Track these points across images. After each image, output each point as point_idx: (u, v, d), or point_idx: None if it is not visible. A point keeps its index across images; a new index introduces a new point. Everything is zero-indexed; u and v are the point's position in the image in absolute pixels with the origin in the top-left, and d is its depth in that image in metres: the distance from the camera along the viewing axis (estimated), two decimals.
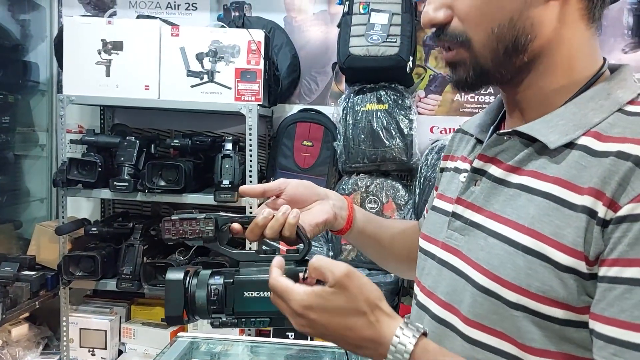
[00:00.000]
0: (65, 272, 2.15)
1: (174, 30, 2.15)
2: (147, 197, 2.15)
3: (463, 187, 0.75)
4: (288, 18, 2.52)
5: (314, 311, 0.65)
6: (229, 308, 0.74)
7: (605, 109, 0.64)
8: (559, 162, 0.64)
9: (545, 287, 0.61)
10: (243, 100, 2.12)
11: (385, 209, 2.23)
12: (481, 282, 0.67)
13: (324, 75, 2.52)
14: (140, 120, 2.56)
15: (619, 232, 0.57)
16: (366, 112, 2.21)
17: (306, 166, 2.35)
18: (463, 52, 0.67)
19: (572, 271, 0.60)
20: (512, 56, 0.65)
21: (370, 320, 0.65)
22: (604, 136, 0.62)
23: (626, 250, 0.57)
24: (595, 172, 0.60)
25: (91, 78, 2.15)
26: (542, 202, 0.64)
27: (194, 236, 0.77)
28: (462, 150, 0.83)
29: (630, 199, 0.57)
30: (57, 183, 2.15)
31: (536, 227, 0.63)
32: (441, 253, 0.76)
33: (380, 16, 2.20)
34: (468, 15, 0.65)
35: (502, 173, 0.70)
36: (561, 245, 0.61)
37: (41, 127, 2.68)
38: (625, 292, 0.56)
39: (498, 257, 0.65)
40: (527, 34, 0.64)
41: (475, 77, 0.68)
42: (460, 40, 0.67)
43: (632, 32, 2.43)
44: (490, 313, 0.66)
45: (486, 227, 0.69)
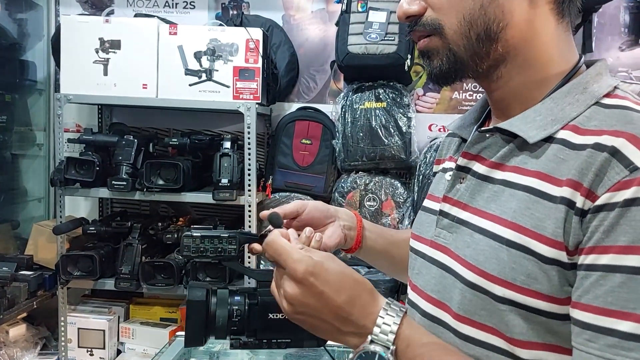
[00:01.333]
0: (63, 271, 2.14)
1: (171, 29, 2.14)
2: (145, 196, 2.14)
3: (449, 185, 0.76)
4: (286, 16, 2.52)
5: (316, 277, 0.65)
6: (251, 329, 0.72)
7: (582, 103, 0.65)
8: (539, 156, 0.66)
9: (529, 280, 0.62)
10: (241, 99, 2.12)
11: (384, 206, 2.23)
12: (469, 278, 0.67)
13: (322, 74, 2.52)
14: (138, 119, 2.55)
15: (596, 221, 0.58)
16: (365, 110, 2.21)
17: (305, 164, 2.35)
18: (436, 40, 0.68)
19: (555, 262, 0.61)
20: (485, 44, 0.67)
21: (369, 289, 0.66)
22: (582, 129, 0.63)
23: (602, 238, 0.58)
24: (573, 165, 0.61)
25: (89, 77, 2.15)
26: (523, 195, 0.65)
27: (214, 254, 0.75)
28: (450, 151, 0.85)
29: (607, 188, 0.58)
30: (54, 182, 2.14)
31: (518, 221, 0.64)
32: (430, 251, 0.77)
33: (379, 14, 2.20)
34: (440, 3, 0.67)
35: (486, 170, 0.71)
36: (542, 237, 0.61)
37: (39, 126, 2.67)
38: (599, 278, 0.57)
39: (483, 253, 0.66)
40: (498, 21, 0.66)
41: (449, 66, 0.69)
42: (433, 27, 0.68)
43: (629, 30, 2.43)
44: (478, 309, 0.66)
45: (472, 223, 0.70)
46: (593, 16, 2.39)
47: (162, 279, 2.15)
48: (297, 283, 0.65)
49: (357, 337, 0.65)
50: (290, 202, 0.88)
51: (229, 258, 0.76)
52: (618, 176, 0.58)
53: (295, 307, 0.66)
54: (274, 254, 0.68)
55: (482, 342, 0.66)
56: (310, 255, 0.66)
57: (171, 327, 2.36)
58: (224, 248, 0.75)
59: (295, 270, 0.65)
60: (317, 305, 0.65)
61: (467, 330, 0.67)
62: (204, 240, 0.75)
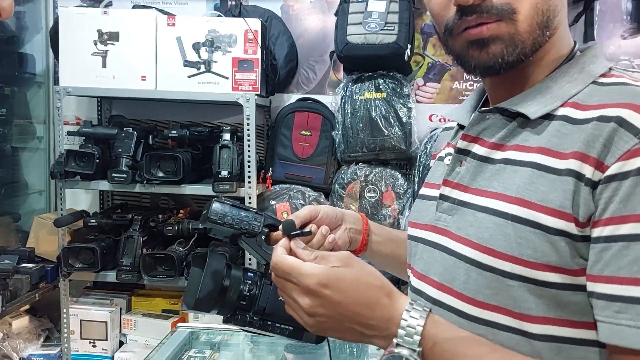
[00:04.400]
0: (65, 264, 2.15)
1: (170, 20, 2.13)
2: (145, 188, 2.14)
3: (449, 169, 0.75)
4: (285, 7, 2.50)
5: (330, 287, 0.64)
6: (259, 308, 0.72)
7: (580, 82, 0.67)
8: (540, 132, 0.66)
9: (537, 254, 0.61)
10: (240, 90, 2.11)
11: (385, 197, 2.23)
12: (474, 257, 0.67)
13: (321, 64, 2.50)
14: (137, 111, 2.54)
15: (609, 192, 0.58)
16: (364, 101, 2.20)
17: (305, 156, 2.35)
18: (505, 25, 0.65)
19: (562, 234, 0.60)
20: (545, 33, 0.66)
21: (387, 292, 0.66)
22: (583, 105, 0.65)
23: (619, 208, 0.57)
24: (578, 138, 0.62)
25: (87, 69, 2.14)
26: (527, 171, 0.65)
27: (239, 227, 0.74)
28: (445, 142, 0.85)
29: (617, 157, 0.58)
30: (54, 175, 2.14)
31: (523, 196, 0.64)
32: (430, 235, 0.76)
33: (378, 4, 2.18)
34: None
35: (486, 151, 0.71)
36: (549, 209, 0.61)
37: (38, 119, 2.67)
38: (622, 249, 0.57)
39: (488, 230, 0.66)
40: (553, 10, 0.66)
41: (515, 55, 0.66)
42: (506, 11, 0.64)
43: (631, 18, 2.41)
44: (483, 287, 0.66)
45: (474, 203, 0.70)
46: (595, 4, 2.37)
47: (163, 271, 2.15)
48: (312, 296, 0.65)
49: (382, 339, 0.65)
50: (304, 208, 0.86)
51: (252, 234, 0.75)
52: (627, 145, 0.58)
53: (316, 319, 0.66)
54: (283, 275, 0.67)
55: (487, 321, 0.66)
56: (321, 266, 0.66)
57: (173, 318, 2.37)
58: (250, 222, 0.75)
59: (307, 286, 0.65)
60: (336, 315, 0.65)
61: (471, 311, 0.67)
62: (232, 209, 0.74)
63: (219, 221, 0.73)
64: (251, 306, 0.72)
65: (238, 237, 0.75)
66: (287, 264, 0.66)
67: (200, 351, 1.84)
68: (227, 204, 0.74)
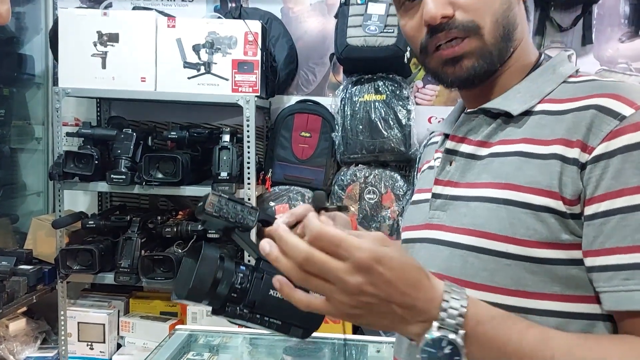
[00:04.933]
0: (63, 265, 2.14)
1: (170, 22, 2.13)
2: (144, 189, 2.13)
3: (439, 169, 0.80)
4: (285, 9, 2.51)
5: (383, 264, 0.56)
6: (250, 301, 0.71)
7: (553, 81, 0.75)
8: (522, 126, 0.73)
9: (529, 232, 0.66)
10: (240, 92, 2.11)
11: (384, 199, 2.23)
12: (470, 243, 0.70)
13: (321, 66, 2.51)
14: (137, 112, 2.54)
15: (598, 170, 0.63)
16: (364, 103, 2.21)
17: (304, 157, 2.35)
18: (473, 41, 0.72)
19: (551, 211, 0.65)
20: (507, 44, 0.74)
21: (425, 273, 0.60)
22: (558, 100, 0.72)
23: (611, 184, 0.62)
24: (559, 127, 0.68)
25: (87, 70, 2.14)
26: (514, 159, 0.71)
27: (234, 220, 0.73)
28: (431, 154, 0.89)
29: (601, 139, 0.64)
30: (53, 176, 2.13)
31: (512, 181, 0.69)
32: (424, 233, 0.79)
33: (378, 6, 2.19)
34: (474, 6, 0.72)
35: (473, 148, 0.77)
36: (537, 190, 0.67)
37: (37, 120, 2.66)
38: (620, 220, 0.61)
39: (482, 216, 0.70)
40: (513, 23, 0.75)
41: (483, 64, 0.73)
42: (471, 28, 0.72)
43: (629, 21, 2.42)
44: (481, 270, 0.69)
45: (466, 195, 0.74)
46: (593, 7, 2.38)
47: (162, 273, 2.14)
48: (364, 273, 0.56)
49: (421, 324, 0.59)
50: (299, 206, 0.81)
51: (246, 228, 0.74)
52: (609, 127, 0.64)
53: (361, 300, 0.57)
54: (328, 247, 0.56)
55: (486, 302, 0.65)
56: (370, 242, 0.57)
57: (171, 320, 2.36)
58: (245, 217, 0.74)
59: (361, 261, 0.55)
60: (385, 296, 0.57)
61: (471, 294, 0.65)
62: (228, 202, 0.73)
63: (214, 214, 0.72)
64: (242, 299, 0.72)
65: (232, 230, 0.75)
66: (335, 234, 0.56)
67: (199, 354, 1.83)
68: (224, 197, 0.73)
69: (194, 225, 2.19)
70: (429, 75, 0.79)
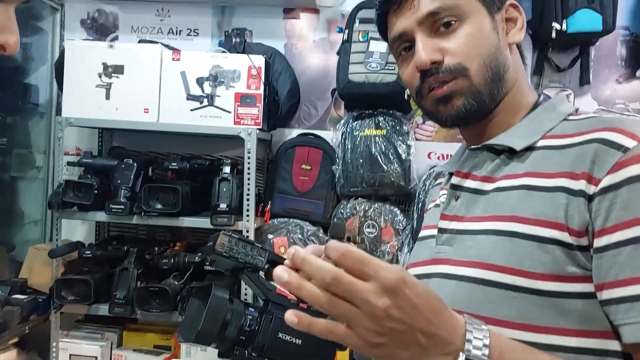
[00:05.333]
0: (57, 296, 2.11)
1: (175, 55, 2.16)
2: (143, 220, 2.12)
3: (445, 204, 0.82)
4: (288, 45, 2.55)
5: (409, 287, 0.55)
6: (259, 344, 0.71)
7: (554, 119, 0.78)
8: (525, 161, 0.75)
9: (535, 264, 0.66)
10: (242, 124, 2.13)
11: (384, 233, 2.22)
12: (476, 275, 0.70)
13: (323, 101, 2.54)
14: (138, 142, 2.55)
15: (606, 202, 0.64)
16: (365, 137, 2.22)
17: (304, 190, 2.35)
18: (461, 81, 0.76)
19: (557, 242, 0.65)
20: (497, 85, 0.78)
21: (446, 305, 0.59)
22: (560, 135, 0.74)
23: (621, 215, 0.63)
24: (562, 161, 0.70)
25: (91, 101, 2.16)
26: (518, 193, 0.72)
27: (244, 260, 0.74)
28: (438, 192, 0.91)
29: (607, 171, 0.65)
30: (52, 205, 2.13)
31: (517, 213, 0.70)
32: (429, 268, 0.79)
33: (379, 44, 2.23)
34: (462, 51, 0.76)
35: (478, 184, 0.79)
36: (543, 221, 0.67)
37: (39, 148, 2.67)
38: (633, 250, 0.61)
39: (488, 248, 0.70)
40: (504, 65, 0.78)
41: (476, 106, 0.77)
42: (459, 70, 0.76)
43: (626, 63, 2.47)
44: (487, 302, 0.68)
45: (472, 229, 0.75)
46: (590, 49, 2.43)
47: (157, 305, 2.11)
48: (391, 295, 0.54)
49: (444, 357, 0.58)
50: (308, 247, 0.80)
51: (255, 268, 0.74)
52: (613, 159, 0.65)
53: (383, 324, 0.55)
54: (355, 266, 0.54)
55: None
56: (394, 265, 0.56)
57: (165, 354, 2.31)
58: (254, 257, 0.74)
59: (388, 281, 0.54)
60: (410, 321, 0.55)
61: None
62: (239, 242, 0.74)
63: (224, 254, 0.73)
64: (251, 342, 0.71)
65: (241, 270, 0.75)
66: (362, 253, 0.55)
67: None
68: (234, 238, 0.74)
69: (191, 256, 2.17)
70: (427, 116, 0.85)
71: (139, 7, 2.58)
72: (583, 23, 2.20)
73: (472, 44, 0.76)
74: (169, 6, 2.58)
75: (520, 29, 0.81)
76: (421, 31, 0.78)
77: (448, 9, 0.76)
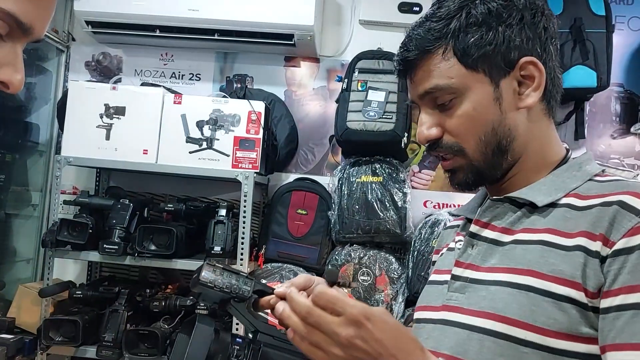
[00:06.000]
0: (45, 336, 2.06)
1: (176, 98, 2.20)
2: (136, 261, 2.11)
3: (460, 251, 0.81)
4: (288, 92, 2.60)
5: (373, 323, 0.63)
6: None
7: (579, 178, 0.77)
8: (546, 217, 0.75)
9: (550, 321, 0.66)
10: (240, 168, 2.14)
11: (378, 282, 2.20)
12: (488, 327, 0.70)
13: (321, 147, 2.56)
14: (136, 183, 2.56)
15: (617, 264, 0.64)
16: (361, 184, 2.24)
17: (299, 235, 2.34)
18: (459, 159, 0.78)
19: (573, 302, 0.66)
20: (499, 157, 0.78)
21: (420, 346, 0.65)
22: (584, 196, 0.74)
23: (627, 279, 0.63)
24: (583, 221, 0.70)
25: (91, 140, 2.18)
26: (537, 247, 0.72)
27: (229, 291, 0.73)
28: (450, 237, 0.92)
29: (622, 234, 0.65)
30: (46, 243, 2.11)
31: (534, 268, 0.70)
32: (441, 315, 0.78)
33: (378, 94, 2.28)
34: (458, 130, 0.77)
35: (497, 234, 0.78)
36: (560, 279, 0.67)
37: (35, 186, 2.67)
38: (632, 316, 0.61)
39: (502, 300, 0.70)
40: (506, 137, 0.77)
41: (473, 178, 0.79)
42: (455, 149, 0.78)
43: (620, 119, 2.51)
44: (497, 355, 0.68)
45: (486, 279, 0.74)
46: (585, 104, 2.48)
47: (146, 349, 2.07)
48: (355, 327, 0.63)
49: None
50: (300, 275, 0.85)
51: (241, 298, 0.73)
52: (630, 223, 0.66)
53: (350, 352, 0.63)
54: (326, 303, 0.65)
55: None
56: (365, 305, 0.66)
57: None
58: (240, 287, 0.73)
59: (353, 315, 0.63)
60: (374, 353, 0.63)
61: None
62: (223, 272, 0.73)
63: (209, 285, 0.72)
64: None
65: (227, 302, 0.74)
66: (334, 294, 0.65)
67: None
68: (219, 267, 0.73)
69: (182, 300, 2.14)
70: None
71: (143, 51, 2.64)
72: (578, 79, 2.25)
73: (467, 123, 0.76)
74: (173, 51, 2.63)
75: (535, 88, 0.77)
76: (423, 105, 0.80)
77: (442, 89, 0.76)
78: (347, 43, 2.58)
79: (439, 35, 0.76)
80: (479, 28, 0.75)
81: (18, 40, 0.53)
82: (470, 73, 0.75)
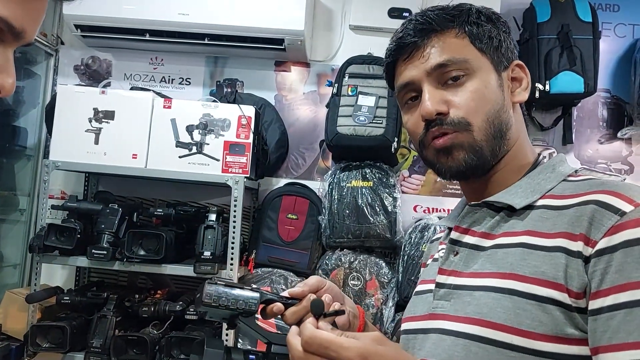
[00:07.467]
0: (32, 343, 2.04)
1: (166, 103, 2.19)
2: (125, 266, 2.09)
3: (443, 259, 0.82)
4: (279, 96, 2.60)
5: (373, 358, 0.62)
6: None
7: (553, 179, 0.78)
8: (524, 219, 0.75)
9: (535, 323, 0.66)
10: (230, 172, 2.13)
11: (368, 286, 2.20)
12: (473, 332, 0.69)
13: (311, 152, 2.56)
14: (125, 188, 2.54)
15: (602, 264, 0.64)
16: (351, 189, 2.24)
17: (290, 239, 2.33)
18: (462, 135, 0.77)
19: (557, 303, 0.65)
20: (499, 141, 0.78)
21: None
22: (559, 196, 0.75)
23: (616, 278, 0.63)
24: (561, 221, 0.70)
25: (79, 145, 2.16)
26: (517, 250, 0.72)
27: (235, 307, 0.71)
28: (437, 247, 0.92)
29: (603, 233, 0.65)
30: (33, 248, 2.09)
31: (517, 271, 0.70)
32: (427, 323, 0.78)
33: (368, 99, 2.28)
34: (466, 105, 0.77)
35: (477, 240, 0.79)
36: (542, 281, 0.67)
37: (23, 191, 2.64)
38: (626, 315, 0.61)
39: (486, 305, 0.70)
40: (506, 123, 0.79)
41: (476, 160, 0.78)
42: (462, 124, 0.77)
43: (607, 124, 2.54)
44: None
45: (470, 285, 0.74)
46: (572, 110, 2.50)
47: (134, 355, 2.05)
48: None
49: None
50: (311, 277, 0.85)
51: (249, 313, 0.71)
52: (610, 222, 0.66)
53: None
54: (319, 348, 0.64)
55: None
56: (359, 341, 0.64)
57: None
58: (246, 301, 0.71)
59: (349, 358, 0.62)
60: None
61: None
62: (226, 289, 0.71)
63: (213, 304, 0.70)
64: None
65: (235, 317, 0.72)
66: (324, 337, 0.64)
67: None
68: (220, 284, 0.71)
69: (172, 305, 2.13)
70: (428, 167, 0.84)
71: (133, 55, 2.62)
72: (565, 85, 2.27)
73: (477, 99, 0.77)
74: (162, 55, 2.63)
75: (525, 88, 0.82)
76: (429, 82, 0.79)
77: (457, 62, 0.78)
78: (337, 48, 2.59)
79: (453, 18, 0.80)
80: (487, 23, 0.81)
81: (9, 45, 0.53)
82: (481, 55, 0.79)
